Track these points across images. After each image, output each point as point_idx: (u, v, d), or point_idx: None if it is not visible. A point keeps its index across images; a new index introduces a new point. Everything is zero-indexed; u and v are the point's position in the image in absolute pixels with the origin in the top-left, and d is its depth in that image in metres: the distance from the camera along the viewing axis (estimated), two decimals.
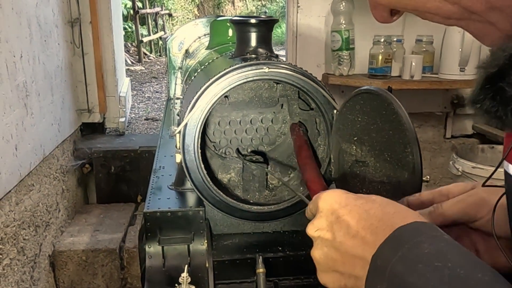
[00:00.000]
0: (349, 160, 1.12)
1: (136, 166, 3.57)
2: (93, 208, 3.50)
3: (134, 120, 5.08)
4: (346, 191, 0.69)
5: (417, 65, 3.30)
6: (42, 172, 2.78)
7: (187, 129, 1.20)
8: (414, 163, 0.92)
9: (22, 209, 2.46)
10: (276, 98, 1.39)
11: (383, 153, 1.00)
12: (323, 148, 1.35)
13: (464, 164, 3.08)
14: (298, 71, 1.19)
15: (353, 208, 0.64)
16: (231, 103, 1.39)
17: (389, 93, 0.98)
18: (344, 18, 3.38)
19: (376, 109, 1.00)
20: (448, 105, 3.92)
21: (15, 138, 2.38)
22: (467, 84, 3.38)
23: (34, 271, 2.61)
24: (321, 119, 1.33)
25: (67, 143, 3.37)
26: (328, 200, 0.67)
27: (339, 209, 0.65)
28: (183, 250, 1.22)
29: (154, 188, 1.40)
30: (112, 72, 3.89)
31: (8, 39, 2.34)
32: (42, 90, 2.83)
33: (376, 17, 0.68)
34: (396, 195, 0.99)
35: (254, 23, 1.25)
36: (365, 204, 0.64)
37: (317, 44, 3.70)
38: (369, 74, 3.38)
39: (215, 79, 1.19)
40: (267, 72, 1.16)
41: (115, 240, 2.99)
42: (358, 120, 1.07)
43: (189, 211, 1.24)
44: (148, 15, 10.79)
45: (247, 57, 1.26)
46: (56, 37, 3.21)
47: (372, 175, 1.05)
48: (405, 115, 0.94)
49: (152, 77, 8.09)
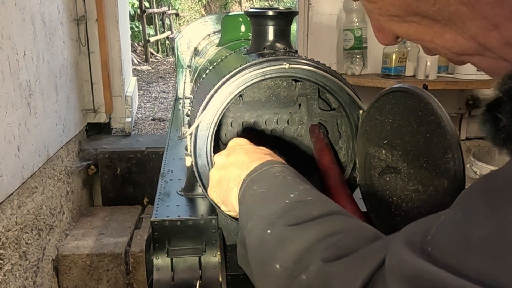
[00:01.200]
0: (378, 166, 1.02)
1: (143, 167, 3.49)
2: (98, 211, 3.42)
3: (141, 121, 5.00)
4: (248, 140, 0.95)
5: (432, 64, 3.20)
6: (46, 174, 2.69)
7: (198, 131, 1.10)
8: (456, 170, 0.82)
9: (25, 212, 2.38)
10: (294, 97, 1.29)
11: (418, 159, 0.90)
12: (346, 151, 1.24)
13: (482, 167, 2.97)
14: (321, 68, 1.08)
15: (247, 147, 0.91)
16: (246, 102, 1.29)
17: (426, 91, 0.88)
18: (356, 16, 3.28)
19: (411, 109, 0.90)
20: (463, 106, 3.81)
21: (17, 139, 2.29)
22: (483, 85, 3.28)
23: (37, 276, 2.52)
24: (343, 120, 1.23)
25: (72, 144, 3.29)
26: (235, 140, 0.96)
27: (238, 145, 0.92)
28: (193, 262, 1.12)
29: (162, 194, 1.30)
30: (118, 71, 3.81)
31: (11, 36, 2.26)
32: (46, 89, 2.74)
33: (379, 39, 0.60)
34: (433, 204, 0.89)
35: (272, 15, 1.15)
36: (256, 146, 0.92)
37: (328, 43, 3.61)
38: (383, 74, 3.29)
39: (230, 76, 1.09)
40: (287, 68, 1.06)
41: (121, 244, 2.90)
42: (389, 121, 0.97)
43: (201, 219, 1.14)
44: (155, 14, 10.73)
45: (264, 53, 1.16)
46: (61, 35, 3.12)
47: (404, 183, 0.94)
48: (445, 116, 0.84)
49: (159, 77, 8.01)
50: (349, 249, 0.56)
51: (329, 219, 0.65)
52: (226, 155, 0.91)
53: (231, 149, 0.93)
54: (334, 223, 0.64)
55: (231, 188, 0.85)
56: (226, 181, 0.87)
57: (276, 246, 0.64)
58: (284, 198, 0.71)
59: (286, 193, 0.72)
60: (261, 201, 0.73)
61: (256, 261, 0.69)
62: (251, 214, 0.73)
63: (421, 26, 0.52)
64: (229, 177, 0.86)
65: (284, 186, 0.75)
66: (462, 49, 0.52)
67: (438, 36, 0.52)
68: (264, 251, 0.67)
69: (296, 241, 0.62)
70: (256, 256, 0.69)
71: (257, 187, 0.77)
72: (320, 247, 0.59)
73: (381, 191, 1.02)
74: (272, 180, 0.77)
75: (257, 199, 0.75)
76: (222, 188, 0.88)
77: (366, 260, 0.51)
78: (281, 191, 0.73)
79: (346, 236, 0.61)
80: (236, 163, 0.86)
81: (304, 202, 0.70)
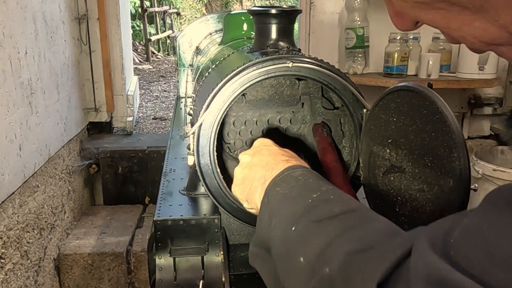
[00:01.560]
0: (382, 165, 1.01)
1: (144, 166, 3.48)
2: (100, 210, 3.41)
3: (142, 120, 4.99)
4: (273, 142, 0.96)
5: (434, 63, 3.18)
6: (47, 173, 2.69)
7: (201, 130, 1.09)
8: (461, 170, 0.81)
9: (26, 211, 2.37)
10: (297, 96, 1.28)
11: (423, 158, 0.89)
12: (349, 150, 1.24)
13: (484, 167, 2.96)
14: (325, 66, 1.08)
15: (272, 148, 0.92)
16: (249, 101, 1.28)
17: (431, 90, 0.87)
18: (358, 15, 3.27)
19: (416, 108, 0.89)
20: (465, 105, 3.80)
21: (19, 138, 2.28)
22: (486, 84, 3.27)
23: (39, 276, 2.52)
24: (346, 119, 1.23)
25: (73, 143, 3.28)
26: (261, 140, 0.96)
27: (264, 146, 0.94)
28: (196, 262, 1.12)
29: (164, 193, 1.30)
30: (120, 70, 3.80)
31: (12, 34, 2.25)
32: (47, 88, 2.73)
33: (397, 25, 0.58)
34: (438, 204, 0.88)
35: (275, 13, 1.14)
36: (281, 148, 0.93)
37: (330, 42, 3.60)
38: (385, 73, 3.28)
39: (233, 75, 1.08)
40: (291, 67, 1.05)
41: (122, 243, 2.89)
42: (393, 120, 0.96)
43: (203, 219, 1.14)
44: (156, 13, 10.71)
45: (268, 51, 1.15)
46: (63, 34, 3.12)
47: (409, 182, 0.94)
48: (450, 115, 0.83)
49: (160, 76, 8.00)
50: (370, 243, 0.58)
51: (350, 215, 0.68)
52: (251, 154, 0.93)
53: (256, 149, 0.94)
54: (355, 218, 0.67)
55: (255, 187, 0.87)
56: (250, 180, 0.89)
57: (300, 241, 0.68)
58: (307, 198, 0.73)
59: (308, 193, 0.74)
60: (284, 201, 0.76)
61: (280, 257, 0.72)
62: (274, 213, 0.76)
63: (449, 13, 0.50)
64: (254, 177, 0.88)
65: (307, 187, 0.77)
66: (491, 38, 0.50)
67: (467, 24, 0.50)
68: (288, 246, 0.70)
69: (319, 236, 0.65)
70: (280, 252, 0.72)
71: (280, 188, 0.79)
72: (342, 241, 0.62)
73: (385, 191, 1.01)
74: (294, 183, 0.79)
75: (281, 199, 0.77)
76: (246, 186, 0.90)
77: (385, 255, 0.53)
78: (304, 192, 0.76)
79: (367, 230, 0.63)
80: (261, 164, 0.88)
81: (327, 201, 0.72)
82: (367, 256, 0.56)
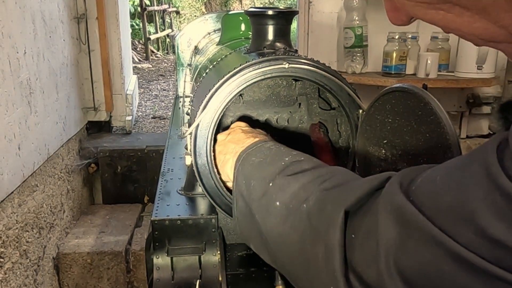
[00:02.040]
0: (377, 165, 1.02)
1: (143, 166, 3.49)
2: (99, 209, 3.42)
3: (141, 119, 5.00)
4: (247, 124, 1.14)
5: (432, 63, 3.19)
6: (46, 172, 2.70)
7: (198, 130, 1.10)
8: None
9: (25, 210, 2.38)
10: (294, 96, 1.29)
11: (418, 159, 0.90)
12: (345, 151, 1.24)
13: None
14: (321, 67, 1.08)
15: (245, 129, 1.08)
16: (246, 101, 1.29)
17: (425, 91, 0.88)
18: (357, 14, 3.28)
19: (411, 109, 0.90)
20: (463, 105, 3.81)
21: (18, 137, 2.29)
22: (484, 83, 3.28)
23: (38, 275, 2.52)
24: (343, 120, 1.23)
25: (73, 142, 3.29)
26: (237, 123, 1.14)
27: (238, 127, 1.09)
28: (193, 261, 1.12)
29: (162, 193, 1.30)
30: (119, 70, 3.80)
31: (11, 34, 2.25)
32: (46, 87, 2.74)
33: (392, 19, 0.59)
34: None
35: (271, 15, 1.15)
36: (254, 129, 1.10)
37: (329, 41, 3.61)
38: (383, 72, 3.29)
39: (230, 76, 1.09)
40: (287, 68, 1.06)
41: (121, 243, 2.90)
42: (389, 121, 0.97)
43: (201, 219, 1.14)
44: (156, 12, 10.72)
45: (264, 52, 1.16)
46: (62, 33, 3.12)
47: None
48: (445, 116, 0.84)
49: (159, 74, 8.01)
50: (343, 181, 0.72)
51: (321, 169, 0.81)
52: (226, 133, 1.08)
53: (232, 129, 1.10)
54: (325, 171, 0.80)
55: (227, 159, 1.02)
56: (223, 154, 1.04)
57: (277, 192, 0.80)
58: (281, 161, 0.86)
59: (281, 157, 0.87)
60: (260, 166, 0.89)
61: (260, 208, 0.83)
62: (253, 176, 0.88)
63: (449, 14, 0.51)
64: (226, 151, 1.03)
65: (279, 153, 0.90)
66: (491, 37, 0.51)
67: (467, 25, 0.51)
68: (267, 198, 0.81)
69: (293, 184, 0.78)
70: (260, 204, 0.83)
71: (255, 158, 0.91)
72: (315, 183, 0.75)
73: None
74: (267, 151, 0.92)
75: (257, 165, 0.90)
76: (219, 160, 1.06)
77: (355, 189, 0.64)
78: (277, 157, 0.88)
79: (337, 177, 0.75)
80: (234, 140, 1.03)
81: (299, 161, 0.85)
82: (339, 190, 0.69)
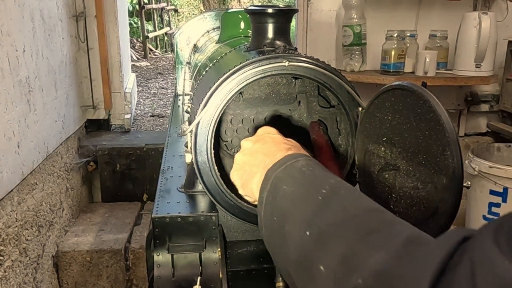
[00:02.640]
0: (377, 163, 1.03)
1: (142, 164, 3.49)
2: (98, 207, 3.42)
3: (140, 117, 5.00)
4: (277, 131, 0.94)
5: (431, 61, 3.20)
6: (45, 170, 2.70)
7: (199, 128, 1.10)
8: (455, 167, 0.83)
9: (25, 208, 2.38)
10: (294, 94, 1.29)
11: (417, 156, 0.90)
12: (345, 148, 1.25)
13: (480, 164, 2.98)
14: (321, 66, 1.09)
15: (275, 137, 0.90)
16: (246, 99, 1.30)
17: (425, 89, 0.89)
18: (355, 12, 3.28)
19: (410, 107, 0.91)
20: (461, 102, 3.82)
21: (17, 136, 2.29)
22: (483, 81, 3.29)
23: (37, 273, 2.53)
24: (342, 117, 1.24)
25: (72, 140, 3.29)
26: (265, 128, 0.94)
27: (267, 134, 0.92)
28: (194, 258, 1.13)
29: (162, 191, 1.31)
30: (117, 68, 3.80)
31: (10, 32, 2.25)
32: (45, 85, 2.74)
33: None
34: (431, 201, 0.90)
35: (271, 13, 1.15)
36: (284, 138, 0.91)
37: (328, 40, 3.61)
38: (382, 70, 3.29)
39: (230, 74, 1.09)
40: (287, 66, 1.06)
41: (120, 241, 2.90)
42: (388, 119, 0.97)
43: (201, 216, 1.15)
44: (154, 10, 10.70)
45: (264, 50, 1.16)
46: (60, 31, 3.12)
47: (403, 180, 0.95)
48: (444, 114, 0.84)
49: (157, 73, 8.00)
50: (400, 249, 0.54)
51: (367, 217, 0.64)
52: (254, 141, 0.91)
53: (259, 136, 0.93)
54: (374, 221, 0.63)
55: (254, 172, 0.85)
56: (250, 166, 0.87)
57: (318, 248, 0.63)
58: (317, 194, 0.69)
59: (317, 189, 0.70)
60: (293, 202, 0.72)
61: (297, 265, 0.67)
62: (286, 216, 0.71)
63: None
64: (254, 162, 0.87)
65: (314, 181, 0.73)
66: None
67: None
68: (305, 253, 0.65)
69: (338, 242, 0.61)
70: (297, 259, 0.66)
71: (287, 186, 0.74)
72: (365, 246, 0.58)
73: (380, 188, 1.02)
74: (300, 176, 0.75)
75: (289, 199, 0.73)
76: (245, 171, 0.88)
77: (429, 256, 0.50)
78: (312, 187, 0.72)
79: (389, 234, 0.59)
80: (263, 150, 0.87)
81: (338, 197, 0.69)
82: (402, 261, 0.53)
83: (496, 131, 3.74)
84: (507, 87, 3.61)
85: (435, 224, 0.88)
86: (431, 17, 3.60)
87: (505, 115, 3.72)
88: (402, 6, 3.59)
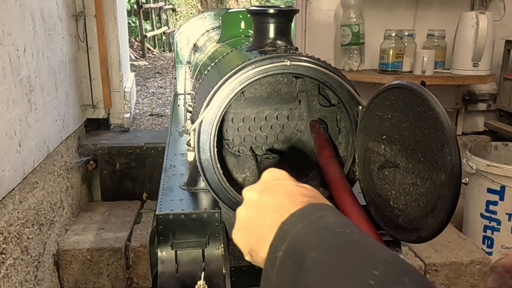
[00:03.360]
0: (377, 160, 1.05)
1: (142, 163, 3.51)
2: (98, 206, 3.44)
3: (139, 116, 5.01)
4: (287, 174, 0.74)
5: (429, 60, 3.22)
6: (46, 169, 2.71)
7: (202, 126, 1.12)
8: (453, 164, 0.85)
9: (26, 207, 2.40)
10: (295, 93, 1.31)
11: (417, 153, 0.93)
12: (345, 146, 1.27)
13: (478, 162, 3.01)
14: (322, 65, 1.11)
15: (287, 184, 0.70)
16: (247, 98, 1.32)
17: (424, 88, 0.91)
18: (354, 12, 3.31)
19: (409, 105, 0.93)
20: (459, 101, 3.85)
21: (18, 135, 2.31)
22: (480, 80, 3.31)
23: (38, 271, 2.54)
24: (342, 116, 1.26)
25: (72, 139, 3.31)
26: (272, 172, 0.74)
27: (276, 181, 0.71)
28: (197, 255, 1.15)
29: (165, 188, 1.33)
30: (117, 67, 3.82)
31: (11, 32, 2.27)
32: (46, 85, 2.76)
33: None
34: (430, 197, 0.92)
35: (272, 13, 1.17)
36: (298, 183, 0.71)
37: (326, 39, 3.63)
38: (380, 70, 3.32)
39: (232, 73, 1.11)
40: (289, 65, 1.08)
41: (121, 239, 2.92)
42: (388, 117, 0.99)
43: (204, 213, 1.17)
44: (152, 10, 10.70)
45: (266, 50, 1.18)
46: (60, 31, 3.13)
47: (403, 177, 0.97)
48: (442, 112, 0.87)
49: (156, 72, 8.01)
50: None
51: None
52: (260, 191, 0.70)
53: (266, 184, 0.72)
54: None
55: (265, 236, 0.64)
56: (258, 226, 0.66)
57: None
58: (366, 276, 0.50)
59: (366, 268, 0.51)
60: (332, 282, 0.52)
61: None
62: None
63: None
64: (263, 222, 0.66)
65: (358, 254, 0.54)
66: None
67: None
68: None
69: None
70: None
71: (317, 254, 0.55)
72: None
73: (380, 185, 1.05)
74: (335, 240, 0.56)
75: (325, 276, 0.53)
76: (252, 233, 0.67)
77: None
78: (358, 263, 0.52)
79: None
80: (273, 205, 0.66)
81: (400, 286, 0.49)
82: None
83: (494, 130, 3.77)
84: (504, 86, 3.63)
85: (434, 220, 0.90)
86: (429, 17, 3.62)
87: (502, 114, 3.74)
88: (400, 6, 3.62)
